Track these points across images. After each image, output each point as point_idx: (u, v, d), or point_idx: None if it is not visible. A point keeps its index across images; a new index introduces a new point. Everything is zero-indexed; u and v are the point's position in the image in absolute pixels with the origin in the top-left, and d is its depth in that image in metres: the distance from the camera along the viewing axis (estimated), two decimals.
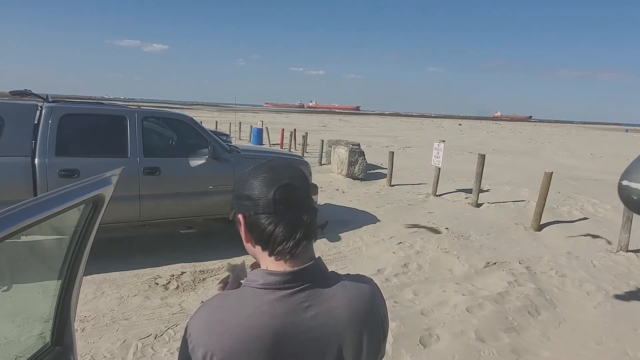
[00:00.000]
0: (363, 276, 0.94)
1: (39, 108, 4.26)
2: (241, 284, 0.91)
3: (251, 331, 0.76)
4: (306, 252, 0.85)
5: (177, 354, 3.14)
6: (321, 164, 13.60)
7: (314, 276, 0.84)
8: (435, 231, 6.22)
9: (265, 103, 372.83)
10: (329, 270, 0.89)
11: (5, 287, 1.64)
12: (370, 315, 0.87)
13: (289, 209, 0.83)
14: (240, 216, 0.87)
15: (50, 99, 4.47)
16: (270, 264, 0.85)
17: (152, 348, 3.08)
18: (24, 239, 1.26)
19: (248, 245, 0.89)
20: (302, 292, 0.81)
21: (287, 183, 0.84)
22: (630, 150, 24.79)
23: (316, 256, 0.88)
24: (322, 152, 14.15)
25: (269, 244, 0.83)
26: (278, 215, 0.83)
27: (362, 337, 0.85)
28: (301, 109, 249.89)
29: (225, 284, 1.02)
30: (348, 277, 0.90)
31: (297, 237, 0.83)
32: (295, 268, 0.83)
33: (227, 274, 1.04)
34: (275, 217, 0.83)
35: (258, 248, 0.86)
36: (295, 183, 0.86)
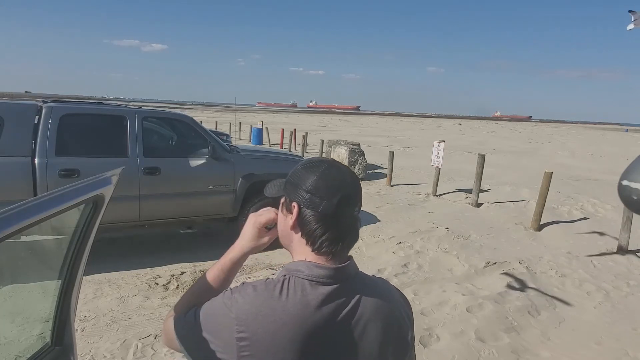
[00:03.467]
0: (387, 280, 0.99)
1: (39, 108, 4.27)
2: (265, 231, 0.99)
3: (296, 319, 0.80)
4: (344, 252, 0.90)
5: (177, 354, 3.13)
6: None
7: (350, 274, 0.89)
8: (435, 231, 6.22)
9: (259, 103, 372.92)
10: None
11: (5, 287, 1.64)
12: (396, 317, 0.91)
13: (345, 216, 0.88)
14: (295, 204, 0.89)
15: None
16: (309, 256, 0.88)
17: (152, 348, 3.08)
18: (24, 239, 1.25)
19: (288, 232, 0.91)
20: (342, 288, 0.86)
21: (351, 193, 0.89)
22: (630, 150, 24.79)
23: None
24: (322, 152, 14.15)
25: (316, 241, 0.87)
26: (335, 219, 0.87)
27: (389, 337, 0.89)
28: (294, 108, 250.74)
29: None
30: (376, 278, 0.96)
31: (346, 241, 0.89)
32: (337, 265, 0.87)
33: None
34: (332, 220, 0.87)
35: (300, 239, 0.89)
36: (357, 193, 0.91)
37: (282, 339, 0.79)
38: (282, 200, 0.93)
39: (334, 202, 0.86)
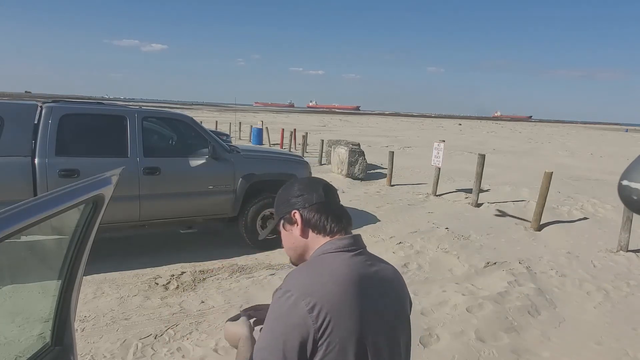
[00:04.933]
0: None
1: (39, 108, 4.27)
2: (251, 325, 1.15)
3: (346, 277, 0.94)
4: (349, 228, 1.09)
5: (177, 353, 3.11)
6: (321, 164, 13.61)
7: (364, 245, 1.08)
8: (436, 231, 6.22)
9: (256, 103, 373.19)
10: None
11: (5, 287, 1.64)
12: (404, 288, 1.11)
13: (334, 201, 1.08)
14: (295, 214, 1.05)
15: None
16: (326, 241, 1.04)
17: (152, 348, 3.08)
18: (24, 239, 1.26)
19: (299, 240, 1.06)
20: (363, 253, 1.04)
21: (327, 184, 1.11)
22: (630, 150, 24.79)
23: None
24: (322, 152, 14.15)
25: (326, 226, 1.03)
26: (328, 202, 1.06)
27: (401, 303, 1.06)
28: (292, 108, 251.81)
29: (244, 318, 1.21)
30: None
31: (345, 218, 1.07)
32: (352, 234, 1.06)
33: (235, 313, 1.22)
34: (327, 204, 1.05)
35: (313, 237, 1.04)
36: (331, 186, 1.12)
37: (343, 294, 0.90)
38: (280, 223, 1.10)
39: (321, 191, 1.06)
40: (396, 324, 1.00)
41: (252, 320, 1.18)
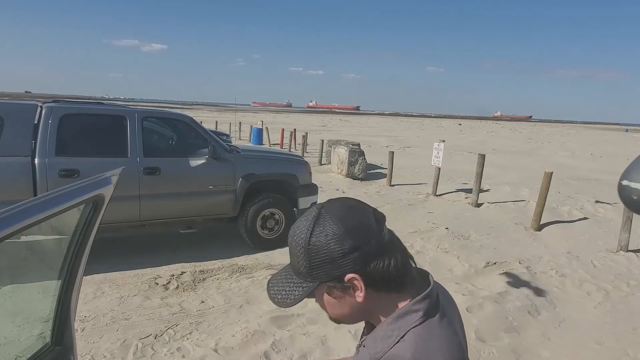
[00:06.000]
0: None
1: (39, 108, 4.27)
2: None
3: (458, 353, 0.75)
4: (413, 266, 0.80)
5: (177, 353, 3.10)
6: (321, 164, 13.61)
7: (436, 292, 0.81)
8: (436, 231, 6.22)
9: (253, 102, 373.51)
10: None
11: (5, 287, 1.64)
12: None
13: (390, 233, 0.77)
14: (352, 276, 0.72)
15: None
16: (399, 303, 0.77)
17: (152, 348, 3.08)
18: (24, 239, 1.26)
19: (359, 307, 0.76)
20: (439, 306, 0.78)
21: (374, 209, 0.77)
22: (630, 150, 24.79)
23: None
24: (322, 152, 14.15)
25: (396, 280, 0.74)
26: (391, 244, 0.75)
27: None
28: (290, 108, 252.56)
29: None
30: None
31: (411, 257, 0.79)
32: (426, 285, 0.79)
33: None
34: (390, 249, 0.74)
35: (382, 297, 0.76)
36: (376, 209, 0.79)
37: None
38: (320, 291, 0.76)
39: (378, 229, 0.73)
40: None
41: None
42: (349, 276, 0.72)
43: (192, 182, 4.93)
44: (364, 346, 0.79)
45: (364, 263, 0.71)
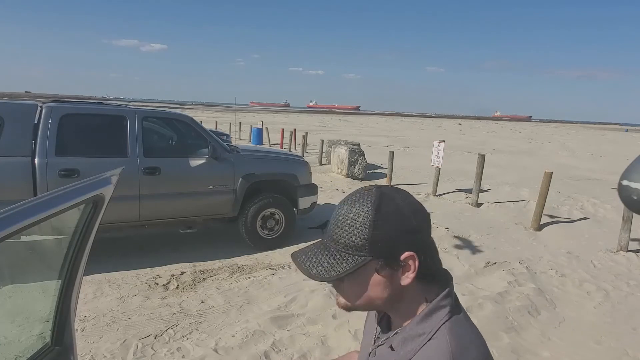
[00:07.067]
0: None
1: (39, 108, 4.27)
2: None
3: (486, 348, 0.78)
4: None
5: (177, 353, 3.10)
6: (321, 164, 13.61)
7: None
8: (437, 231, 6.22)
9: (251, 102, 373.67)
10: None
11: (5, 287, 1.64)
12: None
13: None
14: (408, 254, 0.72)
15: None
16: (426, 295, 0.78)
17: (152, 348, 3.08)
18: (24, 239, 1.25)
19: (400, 290, 0.76)
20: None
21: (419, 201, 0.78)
22: (630, 150, 24.79)
23: None
24: (322, 152, 14.15)
25: (432, 270, 0.77)
26: (429, 234, 0.77)
27: None
28: (288, 108, 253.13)
29: None
30: None
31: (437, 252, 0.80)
32: (449, 281, 0.81)
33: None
34: (429, 237, 0.77)
35: (417, 285, 0.76)
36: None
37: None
38: (365, 268, 0.73)
39: (427, 216, 0.76)
40: None
41: None
42: (407, 254, 0.72)
43: (192, 182, 4.93)
44: (392, 349, 0.78)
45: (421, 245, 0.73)
